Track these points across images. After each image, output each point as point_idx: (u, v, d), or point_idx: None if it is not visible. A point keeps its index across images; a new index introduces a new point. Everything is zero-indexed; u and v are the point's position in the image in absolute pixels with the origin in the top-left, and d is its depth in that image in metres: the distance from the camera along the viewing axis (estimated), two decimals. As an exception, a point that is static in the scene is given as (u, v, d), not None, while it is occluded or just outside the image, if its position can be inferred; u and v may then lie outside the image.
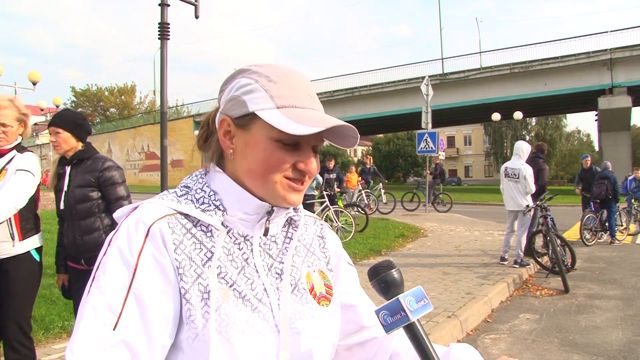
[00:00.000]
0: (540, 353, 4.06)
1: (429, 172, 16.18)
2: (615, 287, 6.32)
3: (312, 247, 0.93)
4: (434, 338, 3.82)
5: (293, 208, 0.88)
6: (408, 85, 32.38)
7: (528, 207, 7.00)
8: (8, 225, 2.58)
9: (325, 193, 9.76)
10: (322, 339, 0.84)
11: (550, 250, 6.76)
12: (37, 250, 2.73)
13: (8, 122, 2.58)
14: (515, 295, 6.00)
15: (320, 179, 10.05)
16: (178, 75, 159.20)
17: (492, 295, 5.43)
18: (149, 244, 0.74)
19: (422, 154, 15.61)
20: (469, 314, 4.72)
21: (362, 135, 58.51)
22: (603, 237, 10.30)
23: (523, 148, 7.20)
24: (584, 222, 9.76)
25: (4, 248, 2.58)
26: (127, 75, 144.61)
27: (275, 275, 0.83)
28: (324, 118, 0.78)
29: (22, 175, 2.53)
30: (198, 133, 0.91)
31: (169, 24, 6.05)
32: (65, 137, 2.71)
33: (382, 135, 60.08)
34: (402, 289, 0.79)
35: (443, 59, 34.06)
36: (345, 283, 0.96)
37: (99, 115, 59.10)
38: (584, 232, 9.69)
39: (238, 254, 0.80)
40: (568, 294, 5.95)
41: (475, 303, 5.04)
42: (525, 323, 4.88)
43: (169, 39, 6.05)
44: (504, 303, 5.64)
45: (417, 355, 0.78)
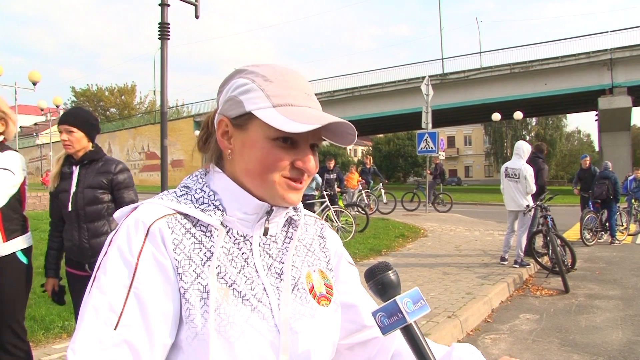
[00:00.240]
0: (541, 353, 4.06)
1: (429, 172, 16.17)
2: (616, 287, 6.32)
3: (312, 246, 0.92)
4: (434, 338, 3.81)
5: (293, 208, 0.88)
6: (408, 85, 32.39)
7: (528, 207, 7.00)
8: None
9: (326, 193, 9.76)
10: (321, 339, 0.84)
11: (551, 250, 6.76)
12: (24, 252, 2.62)
13: None
14: (516, 295, 6.00)
15: (320, 180, 10.05)
16: (178, 75, 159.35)
17: (492, 295, 5.43)
18: (149, 244, 0.74)
19: (422, 154, 15.60)
20: (469, 314, 4.72)
21: (362, 135, 58.64)
22: (603, 237, 10.30)
23: (523, 148, 7.20)
24: (585, 222, 9.75)
25: None
26: (127, 75, 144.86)
27: (275, 275, 0.83)
28: (320, 115, 0.78)
29: (0, 174, 2.44)
30: (199, 134, 0.91)
31: (169, 24, 6.05)
32: (79, 136, 2.63)
33: (382, 135, 60.09)
34: (399, 291, 0.79)
35: (443, 59, 34.08)
36: (346, 283, 0.96)
37: (99, 115, 59.05)
38: (584, 232, 9.69)
39: (238, 254, 0.80)
40: (568, 294, 5.95)
41: (476, 303, 5.04)
42: (526, 323, 4.88)
43: (169, 39, 6.05)
44: (504, 303, 5.63)
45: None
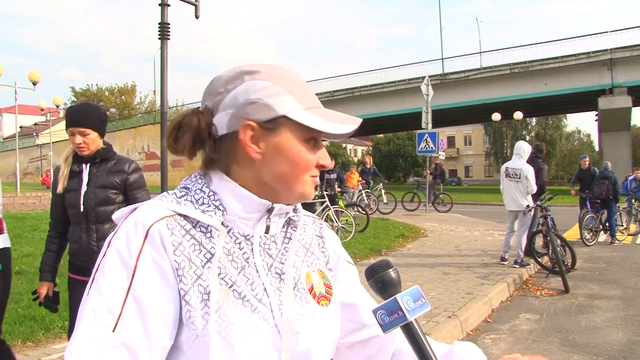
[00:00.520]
0: (541, 353, 4.04)
1: (429, 172, 16.17)
2: (616, 287, 6.32)
3: (311, 246, 0.92)
4: (434, 338, 3.80)
5: (293, 209, 0.88)
6: (408, 85, 32.40)
7: (528, 207, 7.00)
8: None
9: (326, 193, 9.76)
10: (321, 339, 0.84)
11: (551, 250, 6.76)
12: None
13: None
14: (516, 296, 6.00)
15: (319, 180, 10.04)
16: (178, 75, 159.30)
17: (492, 295, 5.43)
18: (148, 246, 0.74)
19: (422, 154, 15.60)
20: (469, 314, 4.72)
21: (362, 136, 58.62)
22: (601, 235, 10.28)
23: (524, 148, 7.20)
24: (584, 222, 9.75)
25: None
26: (127, 75, 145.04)
27: (275, 276, 0.82)
28: (348, 116, 0.83)
29: None
30: (183, 140, 0.81)
31: (169, 24, 6.04)
32: (93, 137, 2.47)
33: (382, 135, 60.07)
34: (399, 289, 0.79)
35: (443, 59, 34.10)
36: (346, 282, 0.96)
37: (99, 115, 59.09)
38: (584, 232, 9.68)
39: (239, 254, 0.80)
40: (568, 294, 5.94)
41: (476, 303, 5.04)
42: (526, 323, 4.87)
43: (169, 39, 6.04)
44: (504, 303, 5.63)
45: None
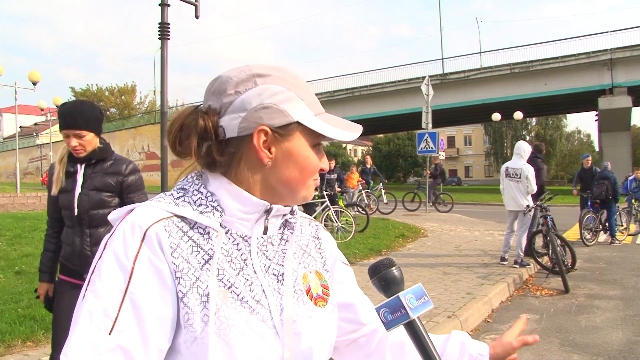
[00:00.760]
0: (541, 353, 4.06)
1: (429, 172, 16.17)
2: (616, 287, 6.32)
3: (308, 248, 0.92)
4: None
5: (290, 210, 0.88)
6: (408, 85, 32.41)
7: (528, 207, 7.00)
8: None
9: (326, 193, 9.77)
10: (319, 340, 0.84)
11: (551, 251, 6.76)
12: None
13: None
14: (516, 296, 6.00)
15: (319, 180, 10.04)
16: (178, 75, 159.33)
17: (492, 295, 5.43)
18: (145, 248, 0.73)
19: (422, 154, 15.61)
20: (469, 314, 4.73)
21: (362, 136, 58.55)
22: (601, 235, 10.29)
23: (524, 148, 7.20)
24: (584, 222, 9.75)
25: None
26: (127, 75, 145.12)
27: (273, 277, 0.82)
28: (350, 123, 0.86)
29: None
30: (188, 141, 0.81)
31: (169, 24, 6.04)
32: (90, 138, 2.33)
33: (382, 135, 60.07)
34: (402, 287, 0.79)
35: (443, 59, 34.10)
36: (342, 283, 0.97)
37: (99, 116, 59.09)
38: (584, 232, 9.68)
39: (237, 255, 0.80)
40: (568, 294, 5.95)
41: (476, 303, 5.04)
42: (526, 323, 4.87)
43: (169, 39, 6.04)
44: (504, 303, 5.64)
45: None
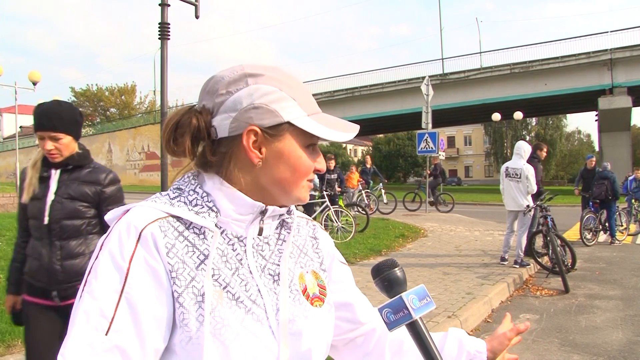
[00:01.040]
0: (541, 353, 4.06)
1: (429, 172, 16.17)
2: (616, 287, 6.33)
3: (304, 247, 0.92)
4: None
5: (286, 211, 0.87)
6: (408, 85, 32.39)
7: (528, 207, 7.01)
8: None
9: (326, 193, 9.76)
10: (315, 340, 0.84)
11: (551, 251, 6.76)
12: None
13: None
14: (516, 296, 6.00)
15: (318, 180, 10.03)
16: (178, 75, 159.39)
17: (492, 296, 5.43)
18: (141, 248, 0.73)
19: (422, 154, 15.61)
20: (469, 314, 4.73)
21: (362, 136, 58.65)
22: (601, 235, 10.29)
23: (524, 148, 7.21)
24: (584, 222, 9.76)
25: None
26: (127, 75, 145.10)
27: (269, 277, 0.82)
28: (347, 123, 0.84)
29: None
30: (181, 139, 0.82)
31: (169, 24, 6.06)
32: (67, 142, 2.14)
33: (382, 136, 60.09)
34: (405, 287, 0.80)
35: (443, 59, 34.08)
36: (340, 282, 0.97)
37: (99, 115, 58.98)
38: (584, 232, 9.68)
39: (232, 255, 0.80)
40: (568, 294, 5.95)
41: (476, 303, 5.04)
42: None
43: (169, 39, 6.06)
44: (504, 303, 5.64)
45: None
